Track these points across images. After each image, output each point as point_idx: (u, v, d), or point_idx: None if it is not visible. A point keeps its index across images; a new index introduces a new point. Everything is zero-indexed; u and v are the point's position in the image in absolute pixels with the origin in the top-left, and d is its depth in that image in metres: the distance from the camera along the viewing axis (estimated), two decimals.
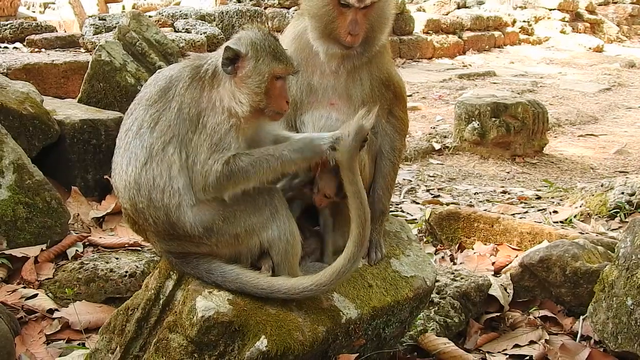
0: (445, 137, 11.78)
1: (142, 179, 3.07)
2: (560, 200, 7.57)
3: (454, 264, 5.66)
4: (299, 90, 3.81)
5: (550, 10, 27.31)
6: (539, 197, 8.04)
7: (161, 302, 3.32)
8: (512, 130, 10.97)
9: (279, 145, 3.25)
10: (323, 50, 3.73)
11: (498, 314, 4.80)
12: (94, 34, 12.96)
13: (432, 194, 8.60)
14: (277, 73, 3.21)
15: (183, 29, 14.59)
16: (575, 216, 6.63)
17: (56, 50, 12.55)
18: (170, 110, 3.09)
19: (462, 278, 4.83)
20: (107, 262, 4.63)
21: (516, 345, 4.48)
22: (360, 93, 3.79)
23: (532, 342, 4.49)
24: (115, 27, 11.52)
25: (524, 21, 26.38)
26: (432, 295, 4.40)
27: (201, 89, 3.14)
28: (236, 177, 3.13)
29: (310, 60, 3.77)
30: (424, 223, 6.41)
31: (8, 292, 4.41)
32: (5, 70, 9.87)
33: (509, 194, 8.64)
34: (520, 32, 25.78)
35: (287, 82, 3.37)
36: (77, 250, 4.82)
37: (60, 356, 3.95)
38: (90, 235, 5.05)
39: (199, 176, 3.12)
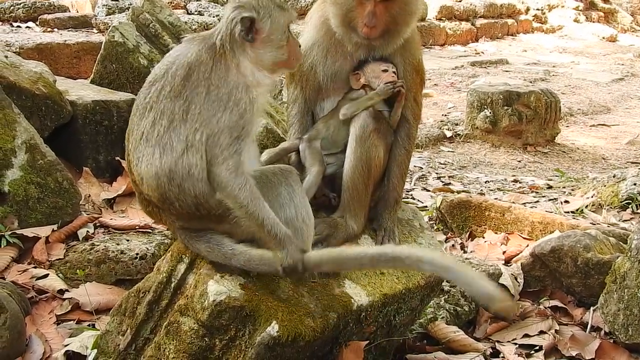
0: (456, 124, 11.73)
1: (178, 168, 3.02)
2: (572, 190, 7.53)
3: (465, 252, 5.65)
4: (324, 76, 3.80)
5: None
6: (550, 187, 8.01)
7: (173, 285, 3.32)
8: (524, 119, 10.91)
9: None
10: (347, 38, 3.71)
11: None
12: (106, 15, 12.94)
13: (443, 182, 8.57)
14: (291, 21, 3.24)
15: (196, 11, 14.56)
16: (586, 206, 6.60)
17: (69, 31, 12.53)
18: (198, 95, 3.04)
19: (472, 267, 4.82)
20: (118, 244, 4.64)
21: (526, 335, 4.48)
22: None
23: (541, 332, 4.49)
24: (127, 8, 11.51)
25: (538, 9, 26.19)
26: (442, 284, 4.40)
27: (226, 67, 3.10)
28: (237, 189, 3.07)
29: (339, 46, 3.76)
30: (434, 211, 6.39)
31: (19, 271, 4.42)
32: (17, 50, 9.86)
33: (520, 183, 8.61)
34: (533, 20, 25.62)
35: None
36: (88, 231, 4.82)
37: (70, 337, 3.94)
38: (101, 217, 5.05)
39: (216, 162, 3.06)
